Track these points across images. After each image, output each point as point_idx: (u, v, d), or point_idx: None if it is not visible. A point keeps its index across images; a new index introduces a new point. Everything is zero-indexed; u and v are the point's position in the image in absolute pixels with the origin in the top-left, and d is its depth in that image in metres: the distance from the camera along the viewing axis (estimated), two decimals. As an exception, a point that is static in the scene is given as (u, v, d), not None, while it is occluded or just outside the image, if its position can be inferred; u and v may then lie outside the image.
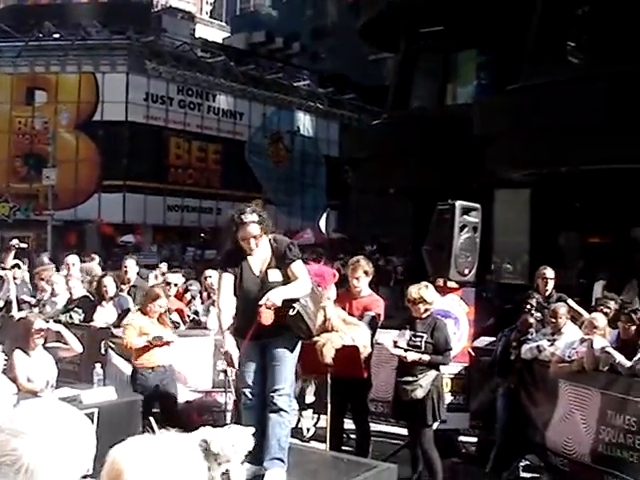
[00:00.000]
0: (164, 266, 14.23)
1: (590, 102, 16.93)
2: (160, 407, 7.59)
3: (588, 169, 18.26)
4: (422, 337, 6.70)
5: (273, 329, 5.35)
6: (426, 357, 6.63)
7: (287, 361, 5.43)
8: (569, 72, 19.17)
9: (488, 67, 24.15)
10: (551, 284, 8.36)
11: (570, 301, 8.28)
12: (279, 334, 5.37)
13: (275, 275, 5.48)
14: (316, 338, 6.53)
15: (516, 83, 19.72)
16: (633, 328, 6.44)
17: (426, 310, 6.75)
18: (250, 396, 5.69)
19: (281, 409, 5.39)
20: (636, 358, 6.13)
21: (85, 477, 1.82)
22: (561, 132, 17.40)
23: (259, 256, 5.50)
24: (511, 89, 19.76)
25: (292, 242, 5.59)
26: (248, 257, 5.51)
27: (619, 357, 6.29)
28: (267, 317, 5.19)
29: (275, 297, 5.23)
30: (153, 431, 4.80)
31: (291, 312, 5.29)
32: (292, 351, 5.47)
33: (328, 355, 6.41)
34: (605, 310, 7.21)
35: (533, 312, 7.82)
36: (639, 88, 16.57)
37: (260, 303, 5.22)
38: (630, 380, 6.14)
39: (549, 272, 8.43)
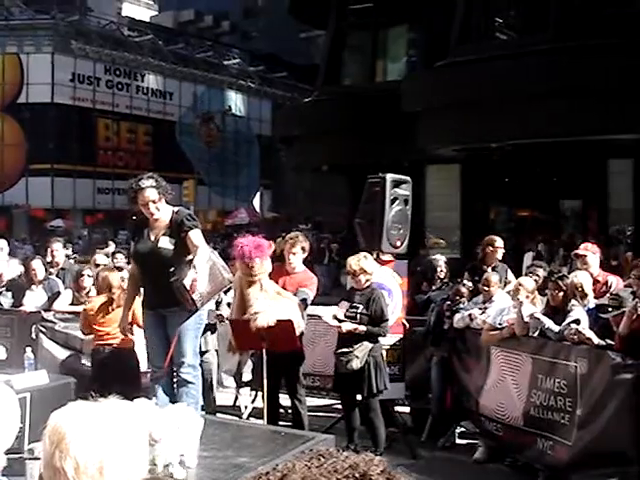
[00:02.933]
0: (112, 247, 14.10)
1: (518, 77, 17.19)
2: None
3: (517, 144, 18.58)
4: (358, 308, 6.74)
5: (169, 300, 5.37)
6: (362, 327, 6.67)
7: (187, 333, 5.45)
8: (497, 48, 19.41)
9: (418, 44, 24.28)
10: (501, 252, 8.45)
11: (509, 272, 8.45)
12: (176, 305, 5.38)
13: (165, 242, 5.58)
14: (250, 314, 6.52)
15: (445, 59, 19.89)
16: (561, 294, 6.58)
17: (367, 281, 6.79)
18: (155, 368, 5.75)
19: (186, 381, 5.43)
20: (565, 323, 6.28)
21: (15, 453, 1.78)
22: (489, 108, 17.64)
23: (159, 224, 5.61)
24: (440, 65, 19.93)
25: (191, 214, 5.67)
26: (150, 224, 5.64)
27: (548, 322, 6.43)
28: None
29: (188, 278, 5.34)
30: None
31: (172, 279, 5.35)
32: (192, 323, 5.50)
33: (268, 331, 6.40)
34: (534, 277, 7.36)
35: (465, 282, 7.95)
36: (566, 63, 16.90)
37: (188, 288, 5.28)
38: (559, 344, 6.29)
39: (499, 241, 8.51)
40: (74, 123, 35.88)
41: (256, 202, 32.79)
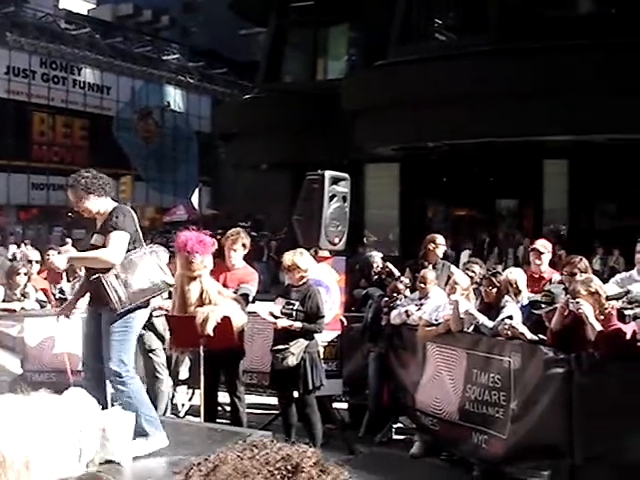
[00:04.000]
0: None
1: (457, 78, 17.43)
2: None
3: (454, 144, 18.85)
4: (294, 305, 6.74)
5: (100, 297, 5.30)
6: (297, 324, 6.67)
7: (110, 336, 5.34)
8: (437, 49, 19.65)
9: (358, 42, 24.41)
10: (442, 250, 8.53)
11: (453, 267, 8.53)
12: (106, 303, 5.31)
13: (95, 239, 5.47)
14: (194, 311, 6.47)
15: (385, 59, 20.05)
16: (494, 290, 6.70)
17: (301, 277, 6.78)
18: (84, 366, 5.68)
19: (116, 382, 5.33)
20: (498, 319, 6.39)
21: None
22: (428, 108, 17.85)
23: (96, 220, 5.53)
24: (380, 64, 20.08)
25: (123, 212, 5.43)
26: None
27: (482, 318, 6.54)
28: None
29: (59, 259, 5.46)
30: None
31: (93, 277, 5.29)
32: (117, 325, 5.34)
33: (209, 329, 6.35)
34: (470, 274, 7.46)
35: (402, 278, 8.02)
36: (504, 65, 17.20)
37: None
38: (493, 340, 6.40)
39: (440, 238, 8.59)
40: (9, 117, 34.99)
41: (195, 199, 32.51)
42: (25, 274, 8.34)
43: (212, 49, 41.77)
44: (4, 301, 8.19)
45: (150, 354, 7.68)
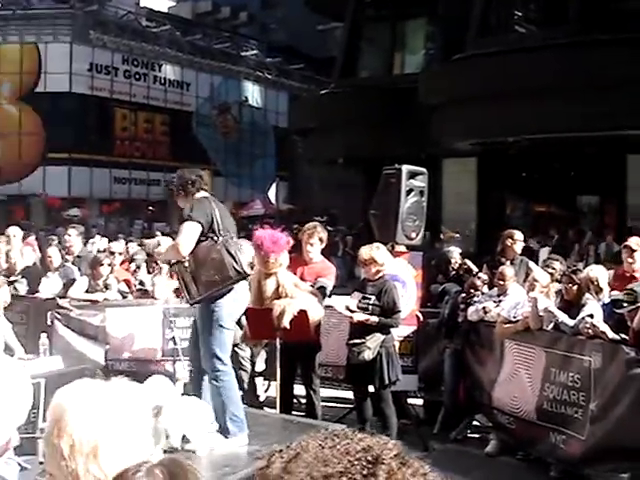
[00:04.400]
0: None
1: (536, 71, 17.08)
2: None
3: (534, 138, 18.48)
4: (370, 299, 6.73)
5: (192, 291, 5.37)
6: (374, 318, 6.66)
7: (204, 326, 5.38)
8: (516, 41, 19.30)
9: (436, 36, 24.15)
10: (520, 246, 8.39)
11: (531, 263, 8.39)
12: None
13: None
14: (271, 304, 6.53)
15: (463, 52, 19.79)
16: (575, 288, 6.56)
17: (377, 272, 6.77)
18: (189, 363, 5.78)
19: (210, 377, 5.37)
20: (579, 317, 6.26)
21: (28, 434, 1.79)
22: (507, 101, 17.54)
23: None
24: (458, 58, 19.83)
25: (197, 204, 5.45)
26: None
27: (562, 316, 6.41)
28: None
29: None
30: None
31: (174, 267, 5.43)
32: (207, 316, 5.36)
33: (286, 321, 6.41)
34: (550, 271, 7.32)
35: (480, 275, 7.93)
36: (585, 57, 16.78)
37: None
38: (573, 338, 6.27)
39: (518, 234, 8.45)
40: (92, 113, 35.97)
41: (272, 193, 32.69)
42: (108, 265, 8.57)
43: (290, 45, 42.01)
44: (87, 292, 8.42)
45: (235, 348, 7.78)
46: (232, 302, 5.45)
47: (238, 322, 7.66)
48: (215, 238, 5.39)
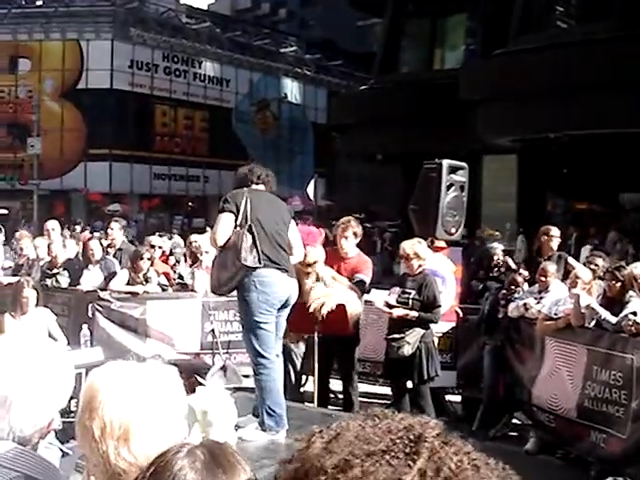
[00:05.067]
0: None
1: (578, 67, 16.87)
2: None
3: (575, 134, 18.25)
4: (410, 294, 6.69)
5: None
6: (414, 313, 6.63)
7: (242, 321, 5.47)
8: (557, 37, 19.08)
9: (476, 32, 23.98)
10: (556, 242, 8.31)
11: (570, 259, 8.29)
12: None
13: None
14: (310, 298, 6.52)
15: (504, 48, 19.61)
16: (618, 285, 6.45)
17: (419, 266, 6.73)
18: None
19: (254, 370, 5.40)
20: (622, 314, 6.16)
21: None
22: (548, 97, 17.34)
23: None
24: (498, 54, 19.66)
25: (231, 195, 5.53)
26: None
27: (604, 313, 6.31)
28: None
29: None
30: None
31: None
32: (242, 311, 5.43)
33: (324, 313, 6.41)
34: (592, 267, 7.22)
35: (521, 271, 7.85)
36: (628, 52, 16.52)
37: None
38: (615, 336, 6.17)
39: (555, 230, 8.36)
40: (132, 109, 36.33)
41: (310, 190, 32.71)
42: (148, 259, 8.64)
43: (329, 41, 42.03)
44: (128, 284, 8.50)
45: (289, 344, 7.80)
46: (262, 295, 5.33)
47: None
48: (238, 229, 5.39)
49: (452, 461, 0.88)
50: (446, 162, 7.46)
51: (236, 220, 5.33)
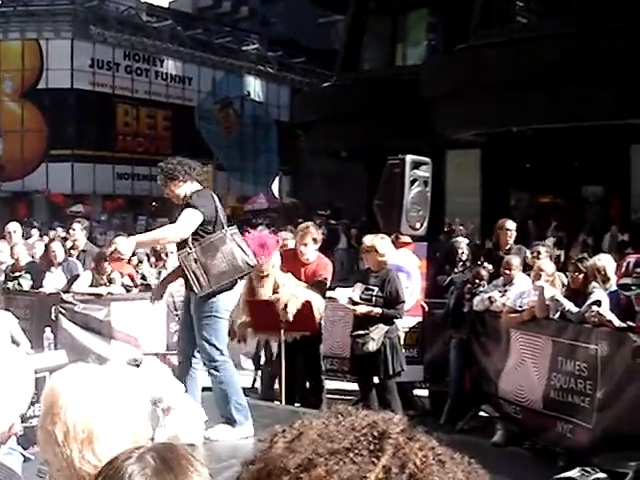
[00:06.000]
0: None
1: (539, 61, 17.02)
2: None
3: (538, 128, 18.42)
4: (373, 290, 6.71)
5: (187, 281, 5.33)
6: (377, 310, 6.64)
7: (202, 315, 5.35)
8: (518, 31, 19.23)
9: (438, 28, 24.09)
10: (513, 236, 8.42)
11: (528, 252, 8.38)
12: (190, 287, 5.33)
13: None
14: (276, 295, 6.51)
15: (465, 43, 19.73)
16: (581, 276, 6.53)
17: (380, 262, 6.74)
18: (179, 351, 5.77)
19: (210, 366, 5.36)
20: (585, 305, 6.22)
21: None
22: (509, 91, 17.48)
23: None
24: (460, 49, 19.77)
25: (199, 193, 5.40)
26: None
27: (568, 305, 6.38)
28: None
29: (125, 244, 5.40)
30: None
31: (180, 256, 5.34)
32: (206, 305, 5.33)
33: (291, 311, 6.39)
34: (534, 255, 7.37)
35: (485, 264, 7.90)
36: (586, 46, 16.71)
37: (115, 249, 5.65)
38: (579, 327, 6.24)
39: (510, 224, 8.48)
40: (93, 109, 35.93)
41: (275, 187, 32.75)
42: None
43: (291, 38, 41.94)
44: (91, 286, 8.41)
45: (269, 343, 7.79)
46: (228, 293, 5.47)
47: None
48: (223, 230, 5.39)
49: (417, 457, 0.87)
50: (409, 157, 7.49)
51: (205, 221, 5.29)
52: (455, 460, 0.91)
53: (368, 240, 6.79)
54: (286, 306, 6.42)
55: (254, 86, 43.31)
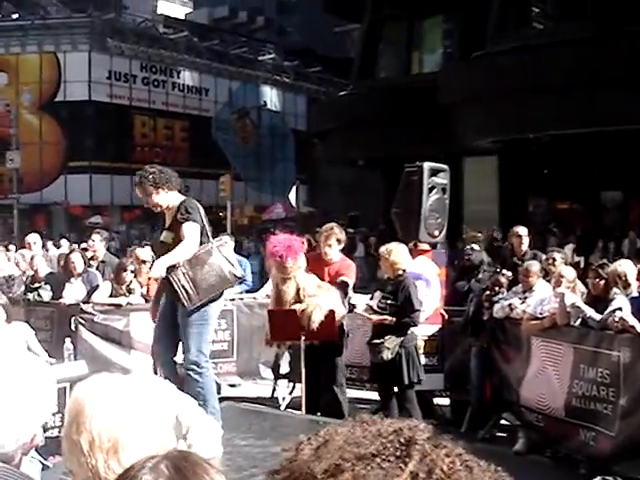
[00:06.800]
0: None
1: (556, 67, 16.97)
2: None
3: (555, 134, 18.34)
4: (389, 298, 6.70)
5: (174, 293, 5.37)
6: (390, 318, 6.63)
7: (192, 323, 5.39)
8: (534, 37, 19.19)
9: (454, 34, 24.07)
10: (526, 242, 8.41)
11: (544, 257, 8.33)
12: (179, 299, 5.39)
13: (164, 236, 5.53)
14: (300, 305, 6.50)
15: (481, 50, 19.70)
16: (602, 283, 6.47)
17: (396, 270, 6.73)
18: (155, 356, 5.80)
19: (189, 377, 5.38)
20: (607, 311, 6.17)
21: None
22: (527, 98, 17.43)
23: (165, 215, 5.58)
24: (476, 56, 19.75)
25: (191, 205, 5.43)
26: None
27: (589, 311, 6.32)
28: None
29: (156, 269, 5.36)
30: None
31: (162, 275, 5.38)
32: (195, 318, 5.40)
33: (317, 321, 6.38)
34: (549, 262, 7.33)
35: (504, 271, 7.85)
36: (604, 51, 16.64)
37: (149, 276, 5.48)
38: (601, 333, 6.19)
39: (522, 230, 8.49)
40: (111, 120, 36.17)
41: (292, 196, 32.74)
42: (132, 271, 8.56)
43: (307, 48, 42.06)
44: (111, 296, 8.43)
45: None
46: (219, 303, 5.67)
47: None
48: (210, 243, 5.49)
49: (444, 463, 0.87)
50: (427, 165, 7.47)
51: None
52: (482, 467, 0.91)
53: (385, 248, 6.79)
54: (310, 315, 6.42)
55: (271, 96, 43.43)
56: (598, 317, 6.24)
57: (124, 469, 1.47)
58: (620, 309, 6.07)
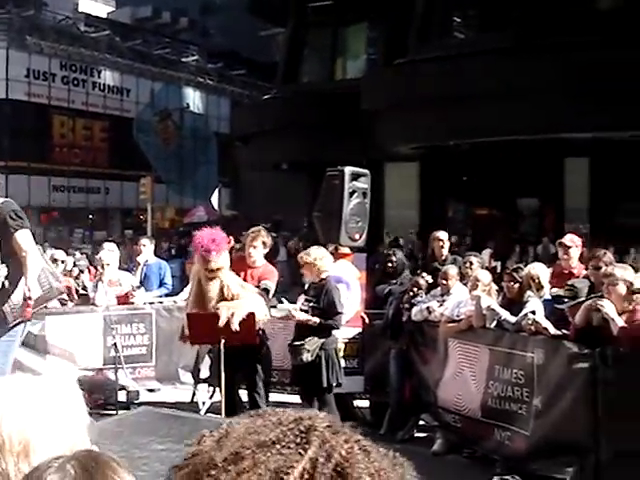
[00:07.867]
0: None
1: (475, 76, 17.33)
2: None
3: (474, 142, 18.74)
4: (312, 301, 6.73)
5: None
6: (315, 319, 6.66)
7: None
8: (456, 46, 19.57)
9: (378, 42, 24.34)
10: (446, 246, 8.57)
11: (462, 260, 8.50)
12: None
13: None
14: (214, 306, 6.44)
15: (404, 57, 19.98)
16: (516, 286, 6.64)
17: (317, 273, 6.76)
18: None
19: None
20: (521, 314, 6.33)
21: None
22: (447, 106, 17.74)
23: None
24: (399, 63, 20.01)
25: (16, 209, 5.13)
26: None
27: (505, 314, 6.48)
28: None
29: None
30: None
31: None
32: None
33: (235, 325, 6.33)
34: (467, 265, 7.51)
35: (423, 274, 7.98)
36: (523, 61, 17.08)
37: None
38: (516, 335, 6.34)
39: (442, 234, 8.65)
40: (29, 120, 35.18)
41: (214, 200, 32.55)
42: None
43: (231, 50, 41.83)
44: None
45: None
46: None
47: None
48: None
49: (343, 448, 0.89)
50: (348, 169, 7.53)
51: None
52: (380, 452, 0.92)
53: (305, 253, 6.82)
54: (230, 317, 6.36)
55: (194, 98, 43.01)
56: (513, 319, 6.40)
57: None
58: (534, 312, 6.24)
